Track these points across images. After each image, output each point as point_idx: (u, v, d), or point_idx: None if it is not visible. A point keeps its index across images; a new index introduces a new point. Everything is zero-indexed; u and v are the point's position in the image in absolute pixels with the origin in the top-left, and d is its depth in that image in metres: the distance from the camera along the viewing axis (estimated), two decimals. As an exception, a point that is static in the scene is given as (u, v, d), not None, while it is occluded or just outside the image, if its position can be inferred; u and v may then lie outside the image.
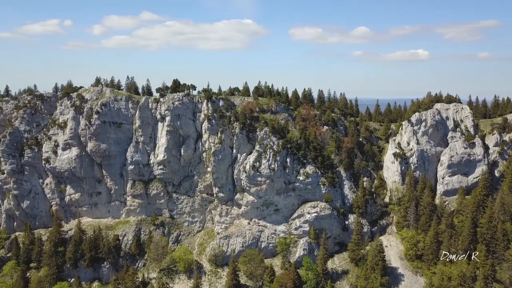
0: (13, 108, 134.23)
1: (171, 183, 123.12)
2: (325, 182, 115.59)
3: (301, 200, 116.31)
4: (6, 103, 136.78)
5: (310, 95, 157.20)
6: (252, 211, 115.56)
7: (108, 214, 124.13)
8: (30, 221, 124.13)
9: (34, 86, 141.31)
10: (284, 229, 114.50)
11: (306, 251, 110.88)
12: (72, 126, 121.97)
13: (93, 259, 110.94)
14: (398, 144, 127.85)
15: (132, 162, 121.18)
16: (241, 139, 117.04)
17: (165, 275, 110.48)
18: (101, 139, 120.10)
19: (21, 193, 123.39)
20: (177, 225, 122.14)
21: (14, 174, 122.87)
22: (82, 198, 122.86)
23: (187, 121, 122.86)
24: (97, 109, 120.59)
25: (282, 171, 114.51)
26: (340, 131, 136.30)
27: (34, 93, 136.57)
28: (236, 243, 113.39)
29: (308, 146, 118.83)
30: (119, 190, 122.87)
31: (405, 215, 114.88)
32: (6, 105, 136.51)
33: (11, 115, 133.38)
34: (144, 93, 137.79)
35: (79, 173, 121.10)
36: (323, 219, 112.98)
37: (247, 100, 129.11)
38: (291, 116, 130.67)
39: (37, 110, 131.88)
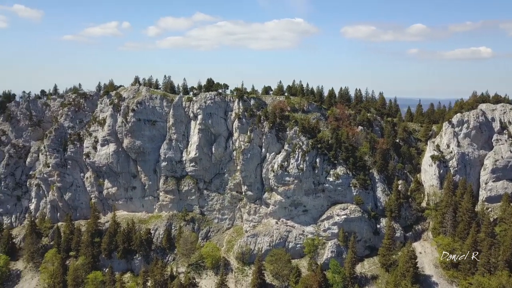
0: (59, 105, 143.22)
1: (202, 180, 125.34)
2: (356, 184, 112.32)
3: (331, 202, 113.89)
4: (53, 101, 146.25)
5: (347, 94, 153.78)
6: (280, 210, 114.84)
7: (142, 209, 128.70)
8: (72, 212, 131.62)
9: (79, 85, 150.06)
10: (312, 230, 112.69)
11: (334, 254, 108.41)
12: (110, 123, 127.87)
13: (126, 251, 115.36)
14: (437, 146, 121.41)
15: (165, 158, 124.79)
16: (270, 138, 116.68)
17: (193, 270, 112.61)
18: (136, 136, 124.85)
19: (63, 186, 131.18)
20: (207, 222, 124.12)
21: (58, 168, 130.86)
22: (118, 192, 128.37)
23: (219, 119, 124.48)
24: (133, 107, 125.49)
25: (311, 172, 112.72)
26: (375, 132, 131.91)
27: (79, 91, 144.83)
28: (264, 242, 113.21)
29: (340, 146, 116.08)
30: (152, 185, 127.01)
31: (442, 221, 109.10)
32: (53, 103, 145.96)
33: (58, 112, 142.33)
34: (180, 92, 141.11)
35: (115, 168, 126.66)
36: (353, 222, 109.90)
37: (278, 99, 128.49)
38: (323, 115, 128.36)
39: (80, 107, 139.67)
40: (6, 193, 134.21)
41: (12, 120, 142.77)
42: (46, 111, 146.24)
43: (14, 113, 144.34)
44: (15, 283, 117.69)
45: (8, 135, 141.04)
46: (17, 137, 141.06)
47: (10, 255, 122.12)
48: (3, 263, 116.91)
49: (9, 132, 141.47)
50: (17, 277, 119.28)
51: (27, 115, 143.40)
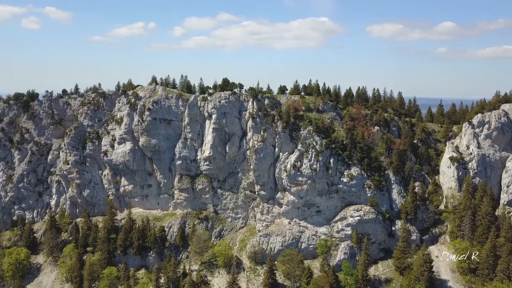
0: (79, 104, 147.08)
1: (216, 179, 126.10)
2: (371, 185, 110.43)
3: (345, 203, 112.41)
4: (74, 100, 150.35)
5: (364, 94, 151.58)
6: (293, 211, 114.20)
7: (158, 206, 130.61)
8: (90, 208, 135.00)
9: (99, 84, 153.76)
10: (325, 231, 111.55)
11: (347, 255, 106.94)
12: (126, 121, 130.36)
13: (141, 248, 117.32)
14: (456, 147, 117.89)
15: (180, 157, 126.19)
16: (283, 138, 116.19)
17: (205, 268, 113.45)
18: (152, 135, 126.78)
19: (82, 183, 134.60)
20: (220, 220, 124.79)
21: (77, 165, 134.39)
22: (134, 189, 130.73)
23: (233, 119, 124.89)
24: (149, 106, 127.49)
25: (325, 172, 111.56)
26: (392, 132, 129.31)
27: (98, 91, 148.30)
28: (276, 242, 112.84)
29: (355, 146, 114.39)
30: (167, 183, 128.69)
31: (460, 225, 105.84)
32: (74, 102, 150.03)
33: (78, 111, 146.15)
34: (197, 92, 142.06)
35: (132, 166, 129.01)
36: (367, 224, 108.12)
37: (293, 99, 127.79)
38: (339, 115, 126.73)
39: (99, 106, 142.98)
40: (28, 189, 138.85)
41: (35, 119, 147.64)
42: (67, 110, 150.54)
43: (37, 111, 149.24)
44: (35, 276, 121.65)
45: (31, 133, 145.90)
46: (39, 135, 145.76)
47: (31, 249, 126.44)
48: (24, 256, 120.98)
49: (32, 130, 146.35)
50: (37, 270, 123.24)
51: (49, 114, 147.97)
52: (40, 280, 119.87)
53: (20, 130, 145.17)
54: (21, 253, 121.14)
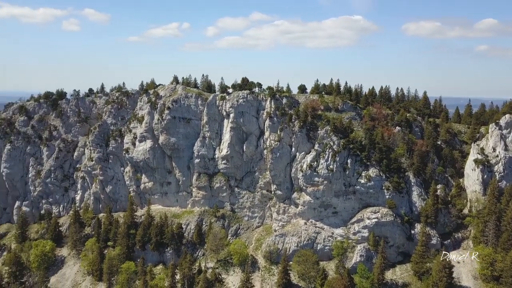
0: (104, 103, 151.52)
1: (233, 178, 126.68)
2: (389, 187, 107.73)
3: (362, 204, 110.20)
4: (99, 99, 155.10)
5: (387, 93, 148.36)
6: (309, 211, 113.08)
7: (177, 203, 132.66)
8: (112, 204, 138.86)
9: (123, 83, 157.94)
10: (342, 233, 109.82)
11: (364, 258, 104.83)
12: (147, 120, 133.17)
13: (158, 244, 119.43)
14: (482, 149, 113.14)
15: (198, 155, 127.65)
16: (300, 137, 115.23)
17: (221, 266, 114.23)
18: (171, 133, 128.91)
19: (105, 179, 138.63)
20: (237, 219, 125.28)
21: (100, 162, 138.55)
22: (154, 186, 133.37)
23: (250, 118, 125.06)
24: (169, 105, 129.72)
25: (342, 173, 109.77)
26: (415, 133, 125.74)
27: (122, 90, 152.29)
28: (291, 242, 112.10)
29: (373, 147, 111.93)
30: (186, 181, 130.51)
31: (484, 230, 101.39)
32: (99, 101, 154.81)
33: (102, 109, 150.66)
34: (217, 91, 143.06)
35: (152, 164, 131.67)
36: (384, 226, 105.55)
37: (312, 98, 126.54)
38: (359, 115, 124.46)
39: (122, 105, 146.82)
40: (55, 184, 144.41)
41: (63, 117, 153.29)
42: (93, 108, 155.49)
43: (65, 110, 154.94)
44: (59, 268, 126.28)
45: (58, 130, 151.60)
46: (66, 132, 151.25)
47: (56, 242, 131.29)
48: (49, 249, 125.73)
49: (59, 128, 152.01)
50: (61, 262, 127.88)
51: (76, 112, 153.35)
52: (64, 272, 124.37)
53: (49, 128, 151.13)
54: (47, 245, 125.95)
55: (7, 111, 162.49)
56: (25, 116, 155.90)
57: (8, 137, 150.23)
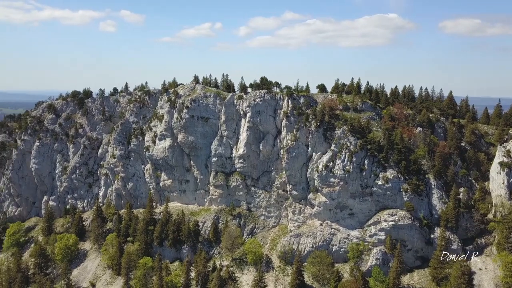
0: (127, 102, 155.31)
1: (250, 177, 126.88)
2: (408, 189, 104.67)
3: (379, 206, 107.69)
4: (123, 98, 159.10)
5: (410, 93, 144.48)
6: (325, 212, 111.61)
7: (194, 201, 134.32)
8: (133, 200, 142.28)
9: (145, 83, 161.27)
10: (358, 235, 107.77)
11: (379, 261, 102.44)
12: (167, 119, 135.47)
13: (175, 241, 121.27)
14: (508, 151, 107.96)
15: (216, 154, 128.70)
16: (316, 137, 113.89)
17: (236, 265, 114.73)
18: (189, 132, 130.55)
19: (127, 176, 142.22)
20: (253, 218, 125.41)
21: (122, 159, 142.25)
22: (173, 184, 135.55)
23: (267, 117, 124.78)
24: (187, 104, 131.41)
25: (359, 174, 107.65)
26: (437, 134, 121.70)
27: (144, 89, 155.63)
28: (306, 243, 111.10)
29: (392, 148, 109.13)
30: (204, 179, 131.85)
31: (508, 236, 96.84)
32: (122, 100, 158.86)
33: (125, 108, 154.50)
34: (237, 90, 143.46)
35: (171, 162, 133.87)
36: (402, 229, 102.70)
37: (330, 97, 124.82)
38: (378, 115, 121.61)
39: (144, 104, 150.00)
40: (80, 180, 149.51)
41: (88, 115, 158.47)
42: (117, 107, 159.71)
43: (90, 108, 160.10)
44: (81, 261, 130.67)
45: (84, 128, 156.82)
46: (91, 130, 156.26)
47: (80, 236, 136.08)
48: (72, 242, 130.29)
49: (85, 126, 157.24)
50: (84, 256, 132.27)
51: (101, 111, 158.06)
52: (85, 265, 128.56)
53: (75, 125, 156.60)
54: (70, 239, 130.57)
55: (37, 110, 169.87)
56: (54, 114, 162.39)
57: (37, 134, 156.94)
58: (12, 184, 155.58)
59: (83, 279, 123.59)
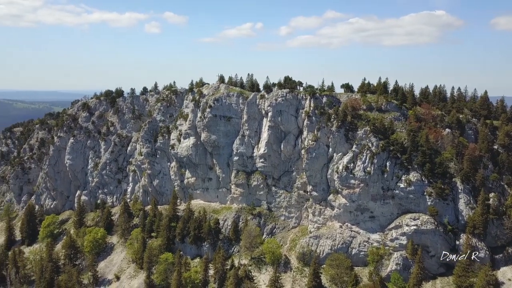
0: (155, 101, 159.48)
1: (271, 177, 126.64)
2: (432, 193, 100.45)
3: (402, 210, 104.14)
4: (151, 97, 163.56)
5: (442, 93, 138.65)
6: (345, 214, 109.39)
7: (217, 199, 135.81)
8: (159, 197, 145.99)
9: (173, 82, 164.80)
10: (378, 239, 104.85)
11: (400, 267, 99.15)
12: (191, 118, 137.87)
13: (196, 238, 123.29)
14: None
15: (237, 153, 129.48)
16: (337, 137, 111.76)
17: (254, 264, 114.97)
18: (212, 131, 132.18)
19: (153, 173, 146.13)
20: (273, 218, 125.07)
21: (148, 157, 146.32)
22: (196, 182, 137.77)
23: (289, 117, 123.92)
24: (210, 104, 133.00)
25: (380, 176, 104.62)
26: (468, 136, 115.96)
27: (172, 88, 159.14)
28: (325, 245, 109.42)
29: (416, 150, 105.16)
30: (225, 178, 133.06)
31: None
32: (151, 99, 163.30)
33: (153, 107, 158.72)
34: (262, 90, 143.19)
35: (194, 160, 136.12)
36: (425, 234, 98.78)
37: (354, 97, 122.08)
38: (404, 115, 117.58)
39: (171, 103, 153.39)
40: (109, 176, 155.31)
41: (119, 113, 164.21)
42: (146, 106, 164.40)
43: (121, 107, 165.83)
44: (108, 254, 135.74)
45: (115, 126, 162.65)
46: (122, 128, 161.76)
47: (108, 230, 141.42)
48: (100, 236, 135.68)
49: (116, 124, 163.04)
50: (111, 249, 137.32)
51: (131, 109, 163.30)
52: (112, 258, 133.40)
53: (107, 123, 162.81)
54: (99, 232, 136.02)
55: (73, 108, 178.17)
56: (87, 113, 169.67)
57: (72, 131, 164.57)
58: (49, 179, 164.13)
59: (109, 271, 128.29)
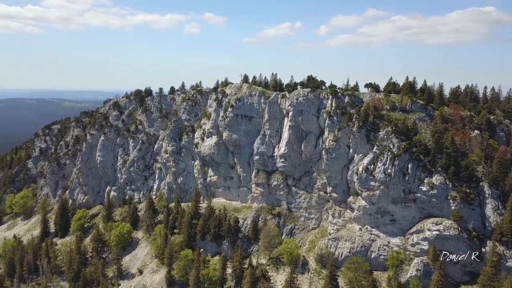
0: (181, 100, 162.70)
1: (291, 177, 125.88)
2: (456, 197, 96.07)
3: (424, 214, 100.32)
4: (178, 96, 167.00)
5: (474, 93, 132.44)
6: (365, 217, 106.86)
7: (238, 198, 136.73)
8: (183, 195, 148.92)
9: (199, 82, 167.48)
10: (398, 243, 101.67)
11: (420, 273, 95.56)
12: (213, 117, 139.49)
13: (216, 235, 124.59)
14: None
15: (258, 153, 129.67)
16: (358, 138, 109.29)
17: (272, 264, 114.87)
18: (233, 130, 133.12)
19: (177, 171, 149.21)
20: (293, 218, 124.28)
21: (173, 155, 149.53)
22: (219, 180, 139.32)
23: (310, 116, 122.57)
24: (232, 103, 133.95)
25: (401, 178, 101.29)
26: (499, 138, 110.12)
27: (197, 88, 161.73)
28: (344, 248, 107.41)
29: (440, 152, 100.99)
30: (246, 177, 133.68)
31: None
32: (178, 98, 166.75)
33: (180, 106, 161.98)
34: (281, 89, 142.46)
35: (216, 159, 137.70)
36: (447, 240, 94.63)
37: (377, 97, 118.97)
38: (429, 116, 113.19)
39: (196, 102, 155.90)
40: (137, 173, 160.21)
41: (147, 112, 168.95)
42: (173, 105, 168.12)
43: (149, 106, 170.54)
44: (133, 249, 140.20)
45: (143, 124, 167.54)
46: (149, 127, 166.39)
47: (134, 225, 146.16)
48: (126, 230, 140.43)
49: (144, 122, 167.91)
50: (136, 244, 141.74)
51: (158, 108, 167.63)
52: (136, 253, 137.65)
53: (135, 122, 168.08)
54: (125, 227, 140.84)
55: (104, 107, 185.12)
56: (118, 111, 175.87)
57: (103, 129, 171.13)
58: (81, 174, 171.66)
59: (133, 266, 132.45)
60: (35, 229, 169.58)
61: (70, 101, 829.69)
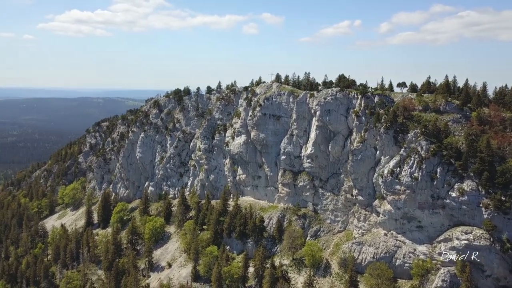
0: (216, 99, 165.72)
1: (318, 178, 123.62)
2: (489, 205, 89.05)
3: (454, 222, 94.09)
4: (213, 96, 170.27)
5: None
6: (390, 222, 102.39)
7: (265, 197, 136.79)
8: (214, 192, 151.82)
9: (234, 81, 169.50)
10: (425, 251, 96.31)
11: (446, 284, 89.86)
12: (243, 116, 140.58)
13: (242, 234, 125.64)
14: None
15: (285, 152, 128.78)
16: (385, 139, 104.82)
17: (294, 265, 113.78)
18: (261, 129, 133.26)
19: (209, 168, 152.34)
20: (318, 220, 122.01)
21: (206, 152, 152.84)
22: (247, 179, 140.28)
23: (338, 116, 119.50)
24: (260, 102, 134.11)
25: (429, 182, 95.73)
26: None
27: (231, 88, 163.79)
28: (368, 253, 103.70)
29: (474, 156, 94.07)
30: (273, 177, 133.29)
31: None
32: (213, 97, 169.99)
33: (214, 105, 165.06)
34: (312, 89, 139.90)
35: (245, 157, 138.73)
36: (478, 251, 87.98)
37: (409, 97, 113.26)
38: (466, 117, 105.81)
39: (230, 102, 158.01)
40: (173, 169, 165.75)
41: (184, 111, 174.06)
42: (209, 104, 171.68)
43: (187, 105, 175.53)
44: (165, 242, 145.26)
45: (180, 123, 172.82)
46: (186, 125, 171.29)
47: (167, 220, 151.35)
48: (159, 225, 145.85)
49: (181, 120, 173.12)
50: (168, 238, 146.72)
51: (195, 107, 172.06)
52: (167, 247, 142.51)
53: (173, 120, 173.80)
54: (158, 222, 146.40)
55: (145, 105, 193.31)
56: (157, 110, 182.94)
57: (143, 126, 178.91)
58: (123, 169, 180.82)
59: (163, 259, 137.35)
60: (81, 220, 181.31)
61: (133, 100, 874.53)
